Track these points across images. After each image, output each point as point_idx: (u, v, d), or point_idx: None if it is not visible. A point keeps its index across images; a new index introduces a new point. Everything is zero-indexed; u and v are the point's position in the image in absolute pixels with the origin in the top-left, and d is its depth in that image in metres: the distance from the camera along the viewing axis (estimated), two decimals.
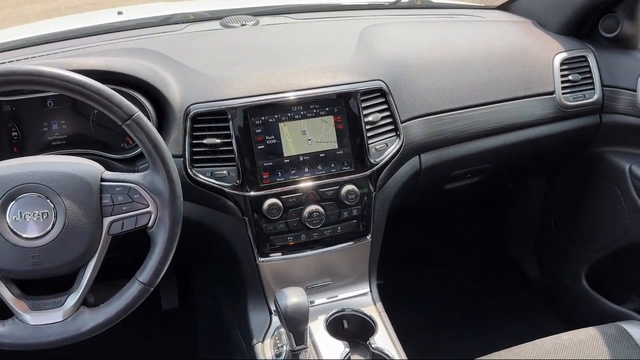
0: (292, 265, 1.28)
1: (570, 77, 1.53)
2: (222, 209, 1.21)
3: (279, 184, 1.20)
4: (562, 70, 1.53)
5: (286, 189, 1.20)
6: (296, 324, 1.06)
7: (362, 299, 1.36)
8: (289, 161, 1.20)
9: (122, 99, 0.93)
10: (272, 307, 1.30)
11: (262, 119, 1.19)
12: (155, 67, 1.21)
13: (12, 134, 1.17)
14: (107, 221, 0.95)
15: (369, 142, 1.25)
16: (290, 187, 1.20)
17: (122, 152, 1.21)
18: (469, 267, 2.20)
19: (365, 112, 1.24)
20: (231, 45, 1.40)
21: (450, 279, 2.16)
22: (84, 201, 0.92)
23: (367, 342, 1.24)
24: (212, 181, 1.17)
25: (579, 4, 1.58)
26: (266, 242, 1.23)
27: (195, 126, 1.16)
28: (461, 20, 1.72)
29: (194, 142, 1.17)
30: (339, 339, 1.23)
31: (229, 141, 1.17)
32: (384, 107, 1.27)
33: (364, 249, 1.33)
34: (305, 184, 1.21)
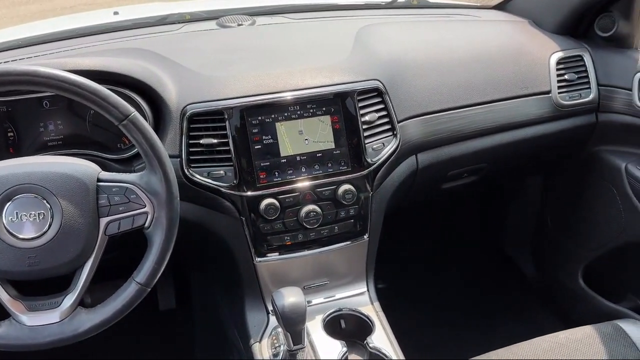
0: (290, 265, 1.28)
1: (566, 77, 1.54)
2: (219, 209, 1.21)
3: (275, 184, 1.20)
4: (558, 69, 1.53)
5: (283, 189, 1.20)
6: (293, 323, 1.06)
7: (360, 298, 1.36)
8: (285, 161, 1.20)
9: (118, 99, 0.93)
10: (270, 307, 1.30)
11: (259, 118, 1.18)
12: (151, 67, 1.20)
13: (8, 135, 1.17)
14: (103, 222, 0.94)
15: (366, 141, 1.25)
16: (287, 187, 1.20)
17: (118, 152, 1.21)
18: (465, 266, 2.20)
19: (362, 111, 1.24)
20: (228, 45, 1.39)
21: (446, 278, 2.16)
22: (81, 202, 0.92)
23: (365, 342, 1.24)
24: (209, 181, 1.17)
25: (574, 4, 1.58)
26: (263, 242, 1.23)
27: (191, 126, 1.16)
28: (458, 20, 1.72)
29: (191, 142, 1.17)
30: (336, 338, 1.23)
31: (226, 141, 1.17)
32: (381, 106, 1.27)
33: (361, 248, 1.33)
34: (302, 184, 1.21)
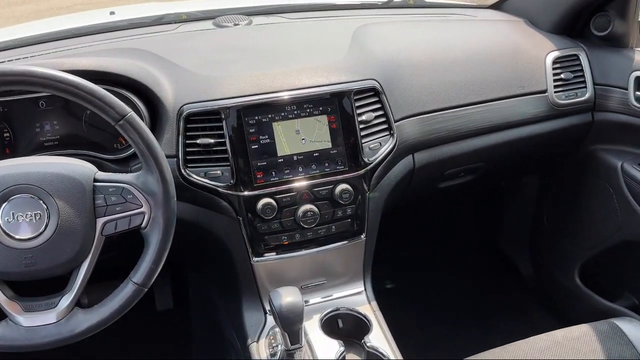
0: (287, 264, 1.28)
1: (562, 76, 1.54)
2: (216, 209, 1.21)
3: (272, 183, 1.20)
4: (554, 68, 1.54)
5: (280, 188, 1.20)
6: (291, 323, 1.06)
7: (357, 297, 1.36)
8: (282, 161, 1.20)
9: (114, 99, 0.92)
10: (267, 307, 1.30)
11: (256, 118, 1.18)
12: (148, 67, 1.20)
13: (4, 135, 1.17)
14: (100, 222, 0.94)
15: (363, 141, 1.25)
16: (284, 187, 1.20)
17: (115, 152, 1.20)
18: (462, 265, 2.21)
19: (358, 111, 1.24)
20: (224, 45, 1.39)
21: (443, 277, 2.16)
22: (77, 202, 0.92)
23: (362, 341, 1.24)
24: (206, 181, 1.17)
25: (570, 3, 1.59)
26: (260, 242, 1.23)
27: (188, 126, 1.16)
28: (454, 19, 1.72)
29: (188, 142, 1.16)
30: (333, 338, 1.23)
31: (223, 141, 1.17)
32: (378, 106, 1.28)
33: (358, 248, 1.33)
34: (299, 184, 1.21)
